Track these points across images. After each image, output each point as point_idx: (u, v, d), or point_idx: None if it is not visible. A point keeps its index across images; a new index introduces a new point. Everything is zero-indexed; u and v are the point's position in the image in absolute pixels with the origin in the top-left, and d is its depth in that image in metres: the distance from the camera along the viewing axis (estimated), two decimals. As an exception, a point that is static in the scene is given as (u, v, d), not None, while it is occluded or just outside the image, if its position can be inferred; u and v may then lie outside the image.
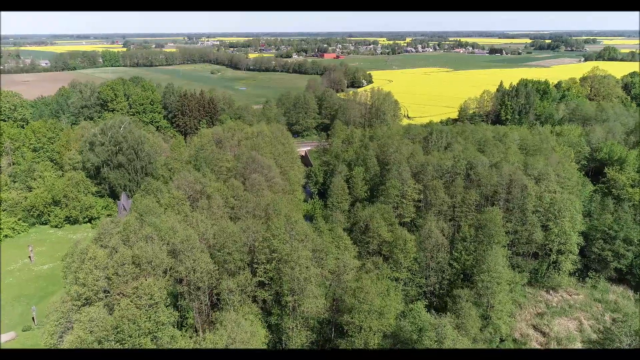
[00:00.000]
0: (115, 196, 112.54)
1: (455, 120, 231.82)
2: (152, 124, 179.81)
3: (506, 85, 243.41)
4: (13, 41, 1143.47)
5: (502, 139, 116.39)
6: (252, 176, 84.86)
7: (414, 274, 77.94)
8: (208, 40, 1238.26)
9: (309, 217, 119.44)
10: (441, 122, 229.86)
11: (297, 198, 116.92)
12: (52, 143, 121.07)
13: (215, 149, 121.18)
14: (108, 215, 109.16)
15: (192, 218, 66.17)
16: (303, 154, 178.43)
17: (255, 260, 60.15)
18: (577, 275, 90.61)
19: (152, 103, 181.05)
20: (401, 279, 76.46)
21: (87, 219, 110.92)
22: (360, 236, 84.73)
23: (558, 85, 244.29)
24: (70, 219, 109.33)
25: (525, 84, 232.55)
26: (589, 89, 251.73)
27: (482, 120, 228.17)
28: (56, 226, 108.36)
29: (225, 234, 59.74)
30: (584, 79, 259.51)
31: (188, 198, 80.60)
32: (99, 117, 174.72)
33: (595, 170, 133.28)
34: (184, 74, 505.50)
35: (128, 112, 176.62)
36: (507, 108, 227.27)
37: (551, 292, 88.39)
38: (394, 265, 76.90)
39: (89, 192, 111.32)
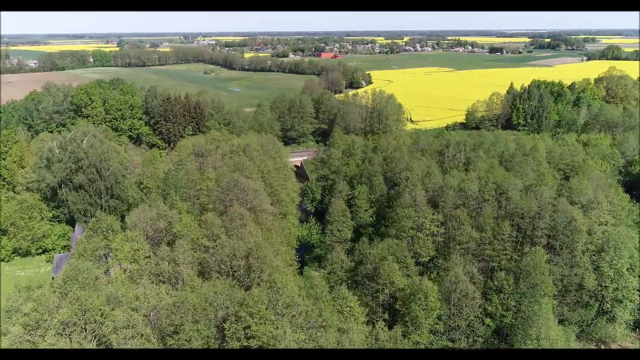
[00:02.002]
0: (75, 222, 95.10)
1: (463, 125, 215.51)
2: (131, 132, 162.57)
3: (517, 87, 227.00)
4: (7, 41, 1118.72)
5: (531, 153, 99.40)
6: (232, 207, 67.83)
7: (438, 335, 61.15)
8: (204, 40, 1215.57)
9: (304, 245, 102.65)
10: (447, 127, 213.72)
11: (290, 222, 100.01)
12: (4, 159, 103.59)
13: (195, 165, 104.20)
14: (64, 246, 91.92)
15: (141, 288, 48.37)
16: (298, 164, 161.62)
17: (226, 347, 43.24)
18: (632, 324, 73.94)
19: (131, 108, 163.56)
20: (422, 343, 59.62)
21: (40, 251, 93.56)
22: (367, 282, 67.82)
23: (572, 87, 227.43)
24: (20, 250, 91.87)
25: (537, 86, 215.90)
26: (605, 90, 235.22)
27: (492, 125, 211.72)
28: (3, 260, 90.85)
29: (183, 309, 42.80)
30: (598, 80, 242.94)
31: (147, 240, 63.68)
32: (72, 124, 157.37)
33: (628, 185, 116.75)
34: (177, 74, 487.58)
35: (104, 118, 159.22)
36: (518, 112, 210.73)
37: (602, 347, 71.74)
38: (411, 324, 60.08)
39: (44, 218, 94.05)
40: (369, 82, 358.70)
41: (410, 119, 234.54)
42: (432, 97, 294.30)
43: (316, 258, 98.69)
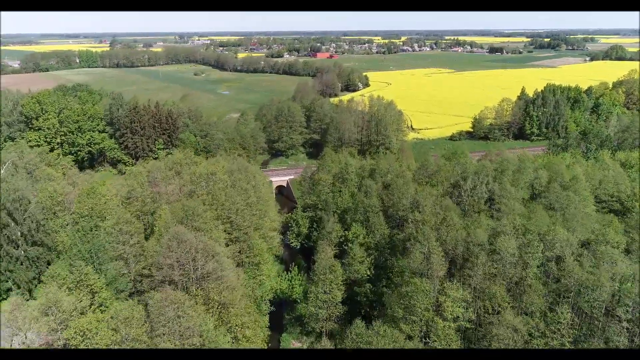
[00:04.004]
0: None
1: (469, 134, 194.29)
2: (90, 146, 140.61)
3: (526, 89, 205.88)
4: (1, 41, 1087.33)
5: (572, 184, 77.75)
6: (162, 291, 45.97)
7: None
8: (199, 40, 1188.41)
9: (284, 301, 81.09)
10: (452, 136, 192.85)
11: (264, 274, 78.31)
12: None
13: (149, 197, 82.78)
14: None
15: None
16: (284, 184, 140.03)
17: None
18: None
19: (91, 119, 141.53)
20: None
21: None
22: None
23: (589, 92, 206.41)
24: None
25: (552, 91, 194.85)
26: (624, 95, 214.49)
27: (503, 135, 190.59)
28: None
29: None
30: (617, 84, 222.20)
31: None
32: (22, 138, 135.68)
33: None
34: (165, 75, 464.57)
35: (58, 131, 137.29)
36: (532, 120, 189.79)
37: None
38: None
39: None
40: (366, 85, 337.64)
41: (411, 126, 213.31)
42: (433, 100, 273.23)
43: (298, 319, 77.38)
